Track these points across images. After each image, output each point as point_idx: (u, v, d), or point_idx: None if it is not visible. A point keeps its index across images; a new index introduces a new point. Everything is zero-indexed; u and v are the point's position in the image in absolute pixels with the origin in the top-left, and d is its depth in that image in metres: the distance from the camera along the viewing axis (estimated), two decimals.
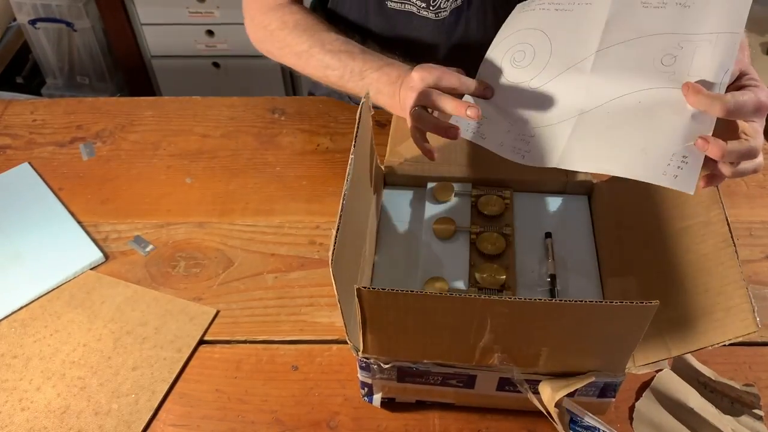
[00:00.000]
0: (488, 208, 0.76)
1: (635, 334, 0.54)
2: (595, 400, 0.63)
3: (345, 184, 0.58)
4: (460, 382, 0.63)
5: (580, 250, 0.74)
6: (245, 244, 0.85)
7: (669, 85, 0.61)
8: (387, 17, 0.97)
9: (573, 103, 0.66)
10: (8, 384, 0.70)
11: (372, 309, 0.55)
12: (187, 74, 2.02)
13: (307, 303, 0.78)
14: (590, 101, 0.65)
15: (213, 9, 1.87)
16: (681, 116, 0.59)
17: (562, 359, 0.58)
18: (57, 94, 2.04)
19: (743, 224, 0.86)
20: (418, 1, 0.94)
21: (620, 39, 0.65)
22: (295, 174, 0.94)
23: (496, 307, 0.52)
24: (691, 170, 0.56)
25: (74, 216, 0.88)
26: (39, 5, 1.87)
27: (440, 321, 0.55)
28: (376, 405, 0.67)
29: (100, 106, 1.07)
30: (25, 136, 1.01)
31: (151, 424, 0.67)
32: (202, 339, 0.74)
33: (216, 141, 1.00)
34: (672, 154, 0.57)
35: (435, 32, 0.97)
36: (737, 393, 0.67)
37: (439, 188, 0.78)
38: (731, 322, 0.55)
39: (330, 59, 0.85)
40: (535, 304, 0.52)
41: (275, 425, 0.67)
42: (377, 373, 0.63)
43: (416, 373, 0.62)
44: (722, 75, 0.60)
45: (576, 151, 0.63)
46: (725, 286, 0.57)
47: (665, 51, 0.62)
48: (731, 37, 0.60)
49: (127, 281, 0.80)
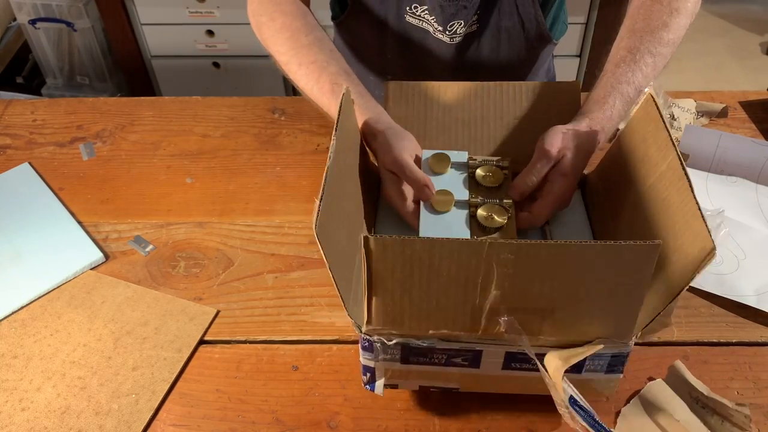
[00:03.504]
0: (487, 180, 0.75)
1: (641, 281, 0.54)
2: (603, 376, 0.62)
3: (328, 160, 0.59)
4: (465, 360, 0.62)
5: (578, 236, 0.75)
6: (245, 244, 0.85)
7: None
8: (404, 31, 0.98)
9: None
10: (8, 384, 0.70)
11: (378, 263, 0.54)
12: (187, 74, 2.02)
13: (307, 303, 0.78)
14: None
15: (213, 9, 1.87)
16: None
17: (570, 323, 0.57)
18: (57, 94, 2.04)
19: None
20: (435, 23, 0.95)
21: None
22: (295, 174, 0.94)
23: (502, 252, 0.52)
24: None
25: (74, 216, 0.88)
26: (39, 5, 1.88)
27: (446, 274, 0.55)
28: (378, 393, 0.66)
29: (100, 106, 1.07)
30: (25, 136, 1.01)
31: (152, 424, 0.67)
32: (202, 339, 0.74)
33: (216, 141, 1.00)
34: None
35: (448, 53, 1.00)
36: (728, 412, 0.66)
37: (435, 159, 0.77)
38: (693, 250, 0.55)
39: (304, 81, 0.82)
40: (541, 246, 0.52)
41: (275, 425, 0.67)
42: (380, 353, 0.62)
43: (420, 351, 0.62)
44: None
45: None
46: (688, 221, 0.57)
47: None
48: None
49: (127, 281, 0.80)
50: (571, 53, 1.97)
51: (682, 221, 0.58)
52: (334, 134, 0.62)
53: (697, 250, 0.55)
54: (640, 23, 0.81)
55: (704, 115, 1.02)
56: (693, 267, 0.54)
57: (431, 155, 0.77)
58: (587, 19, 1.89)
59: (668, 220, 0.61)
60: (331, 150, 0.60)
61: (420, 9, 0.95)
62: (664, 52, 0.80)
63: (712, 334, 0.74)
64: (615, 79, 0.78)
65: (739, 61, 2.58)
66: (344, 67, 0.82)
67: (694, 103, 1.02)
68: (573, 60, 1.98)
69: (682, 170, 0.59)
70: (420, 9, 0.95)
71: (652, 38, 0.80)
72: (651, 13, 0.81)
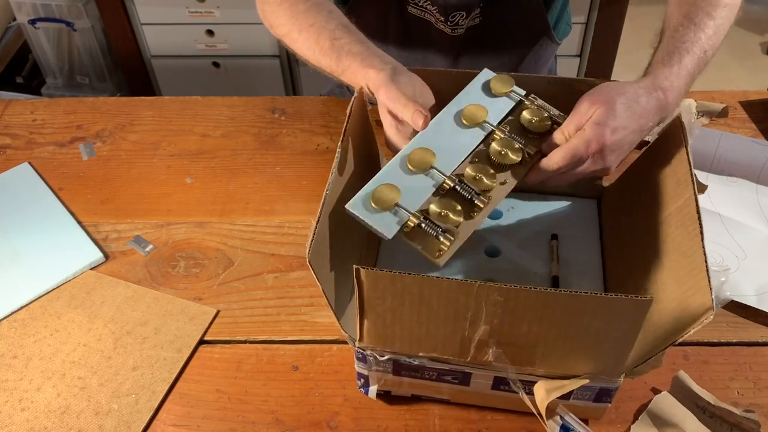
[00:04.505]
0: (531, 123, 0.70)
1: (631, 331, 0.54)
2: (591, 404, 0.62)
3: (330, 177, 0.58)
4: (455, 379, 0.63)
5: (586, 253, 0.74)
6: (245, 244, 0.85)
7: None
8: (406, 22, 0.98)
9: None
10: (8, 384, 0.70)
11: (369, 291, 0.54)
12: (187, 74, 2.02)
13: (307, 303, 0.78)
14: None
15: (213, 9, 1.87)
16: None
17: (558, 359, 0.57)
18: (57, 94, 2.04)
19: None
20: (437, 13, 0.95)
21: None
22: (295, 174, 0.94)
23: (491, 294, 0.52)
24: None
25: (74, 216, 0.88)
26: (39, 5, 1.87)
27: (436, 307, 0.55)
28: (372, 397, 0.67)
29: (100, 106, 1.07)
30: (25, 136, 1.01)
31: (152, 424, 0.67)
32: (202, 339, 0.74)
33: (216, 141, 1.00)
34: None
35: (449, 45, 0.98)
36: (737, 419, 0.65)
37: (498, 80, 0.72)
38: (693, 304, 0.55)
39: (305, 47, 0.79)
40: (529, 292, 0.52)
41: (275, 425, 0.67)
42: (373, 364, 0.63)
43: (411, 367, 0.62)
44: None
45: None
46: (692, 271, 0.57)
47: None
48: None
49: (127, 281, 0.80)
50: (571, 53, 1.97)
51: (686, 270, 0.58)
52: (339, 145, 0.62)
53: (696, 305, 0.54)
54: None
55: (704, 115, 1.02)
56: (690, 321, 0.54)
57: (495, 76, 0.73)
58: (587, 19, 1.89)
59: (674, 264, 0.60)
60: (334, 165, 0.59)
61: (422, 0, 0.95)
62: (723, 15, 0.73)
63: (712, 334, 0.74)
64: (677, 39, 0.71)
65: (739, 61, 2.58)
66: (343, 21, 0.79)
67: (695, 103, 1.01)
68: (573, 60, 1.98)
69: (696, 213, 0.59)
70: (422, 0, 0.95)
71: (706, 3, 0.73)
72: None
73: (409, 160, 0.65)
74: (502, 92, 0.71)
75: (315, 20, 0.79)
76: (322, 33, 0.77)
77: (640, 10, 2.18)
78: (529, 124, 0.70)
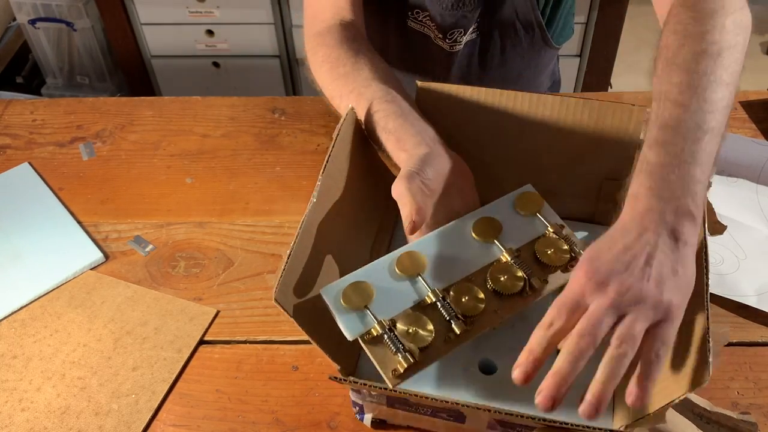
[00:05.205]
0: (547, 256, 0.62)
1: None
2: None
3: (308, 205, 0.58)
4: (450, 416, 0.61)
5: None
6: (245, 244, 0.85)
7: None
8: (406, 36, 0.99)
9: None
10: (8, 384, 0.70)
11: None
12: (187, 74, 2.02)
13: None
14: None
15: (213, 9, 1.87)
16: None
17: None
18: (57, 94, 2.04)
19: None
20: (435, 30, 0.95)
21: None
22: (295, 174, 0.94)
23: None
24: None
25: (74, 216, 0.88)
26: (39, 5, 1.88)
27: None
28: (366, 424, 0.66)
29: (100, 106, 1.07)
30: (25, 136, 1.01)
31: (152, 424, 0.67)
32: (202, 339, 0.74)
33: (216, 141, 1.00)
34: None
35: (447, 60, 1.00)
36: (734, 422, 0.65)
37: (524, 198, 0.66)
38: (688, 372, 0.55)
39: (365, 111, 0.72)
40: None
41: (275, 425, 0.67)
42: (367, 396, 0.62)
43: (405, 402, 0.61)
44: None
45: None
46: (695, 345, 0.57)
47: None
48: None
49: (127, 281, 0.80)
50: (571, 53, 1.97)
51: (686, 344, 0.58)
52: (321, 173, 0.60)
53: (692, 373, 0.55)
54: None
55: None
56: (684, 389, 0.54)
57: (523, 192, 0.66)
58: (587, 19, 1.89)
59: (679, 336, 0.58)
60: (314, 193, 0.57)
61: (422, 15, 0.95)
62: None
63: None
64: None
65: None
66: (382, 86, 0.72)
67: None
68: (573, 60, 1.98)
69: (704, 296, 0.58)
70: (422, 15, 0.95)
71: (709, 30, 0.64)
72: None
73: (397, 262, 0.60)
74: (526, 212, 0.65)
75: (354, 86, 0.73)
76: (360, 102, 0.71)
77: (640, 10, 2.17)
78: (543, 255, 0.62)
